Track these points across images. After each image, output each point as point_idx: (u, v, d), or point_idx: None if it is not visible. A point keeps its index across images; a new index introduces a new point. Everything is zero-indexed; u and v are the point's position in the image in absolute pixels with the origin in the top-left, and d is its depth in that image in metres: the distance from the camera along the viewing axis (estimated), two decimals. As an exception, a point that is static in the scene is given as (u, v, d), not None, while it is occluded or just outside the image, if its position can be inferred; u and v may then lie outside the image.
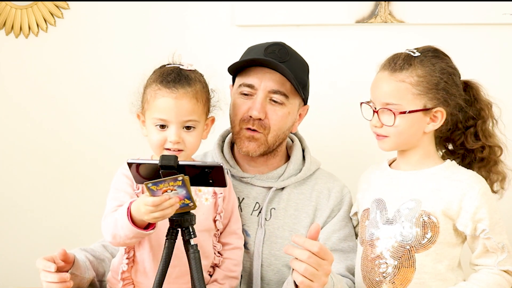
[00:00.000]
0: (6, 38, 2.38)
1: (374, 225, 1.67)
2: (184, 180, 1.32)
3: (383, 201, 1.68)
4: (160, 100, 1.54)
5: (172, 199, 1.34)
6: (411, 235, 1.60)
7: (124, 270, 1.57)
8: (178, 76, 1.57)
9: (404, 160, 1.69)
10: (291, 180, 1.79)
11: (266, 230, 1.75)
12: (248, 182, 1.79)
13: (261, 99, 1.71)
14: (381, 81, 1.63)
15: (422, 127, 1.63)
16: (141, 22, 2.34)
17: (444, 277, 1.61)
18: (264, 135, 1.73)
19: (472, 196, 1.59)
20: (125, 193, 1.55)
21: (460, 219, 1.60)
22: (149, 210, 1.35)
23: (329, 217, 1.79)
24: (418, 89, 1.59)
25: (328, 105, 2.22)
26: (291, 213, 1.77)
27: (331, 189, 1.81)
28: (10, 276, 2.45)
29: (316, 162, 1.86)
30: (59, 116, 2.40)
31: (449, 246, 1.62)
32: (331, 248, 1.72)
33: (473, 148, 1.69)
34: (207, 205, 1.62)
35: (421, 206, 1.61)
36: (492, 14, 2.14)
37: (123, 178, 1.58)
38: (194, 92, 1.56)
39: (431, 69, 1.60)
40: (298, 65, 1.75)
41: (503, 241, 1.60)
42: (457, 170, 1.67)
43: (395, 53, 1.66)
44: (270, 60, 1.69)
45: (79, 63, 2.38)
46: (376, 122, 1.63)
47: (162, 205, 1.34)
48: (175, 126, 1.54)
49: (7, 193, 2.44)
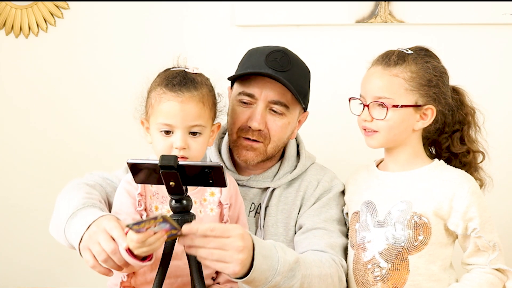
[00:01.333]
0: (6, 38, 2.39)
1: (365, 228, 1.66)
2: (164, 217, 1.28)
3: (373, 204, 1.67)
4: (165, 104, 1.49)
5: (157, 234, 1.29)
6: (404, 237, 1.60)
7: (123, 281, 1.53)
8: (184, 80, 1.51)
9: (392, 159, 1.69)
10: (287, 177, 1.77)
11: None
12: (244, 185, 1.77)
13: (261, 109, 1.68)
14: (374, 75, 1.63)
15: (412, 124, 1.63)
16: (141, 22, 2.34)
17: (438, 278, 1.61)
18: (264, 145, 1.71)
19: (462, 195, 1.59)
20: (127, 215, 1.50)
21: (451, 219, 1.60)
22: (136, 246, 1.31)
23: (313, 204, 1.75)
24: (410, 85, 1.59)
25: (328, 105, 2.22)
26: (282, 208, 1.75)
27: (320, 180, 1.78)
28: (10, 276, 2.45)
29: (311, 157, 1.84)
30: (59, 116, 2.40)
31: (441, 247, 1.62)
32: (312, 226, 1.69)
33: (458, 152, 1.70)
34: (212, 215, 1.57)
35: (412, 208, 1.61)
36: (492, 14, 2.14)
37: (125, 197, 1.52)
38: (201, 96, 1.51)
39: (424, 66, 1.61)
40: (300, 74, 1.72)
41: (493, 239, 1.60)
42: (446, 169, 1.66)
43: (388, 50, 1.66)
44: (272, 73, 1.65)
45: (79, 63, 2.38)
46: (366, 116, 1.63)
47: (148, 241, 1.30)
48: (181, 132, 1.48)
49: (7, 193, 2.44)
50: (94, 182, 1.68)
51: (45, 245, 2.41)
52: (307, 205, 1.75)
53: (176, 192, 1.35)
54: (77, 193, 1.56)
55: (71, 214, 1.49)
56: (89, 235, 1.41)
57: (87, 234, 1.41)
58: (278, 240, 1.72)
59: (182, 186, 1.34)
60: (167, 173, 1.32)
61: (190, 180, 1.35)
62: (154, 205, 1.53)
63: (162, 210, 1.52)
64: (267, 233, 1.74)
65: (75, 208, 1.49)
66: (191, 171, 1.34)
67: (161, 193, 1.53)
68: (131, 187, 1.53)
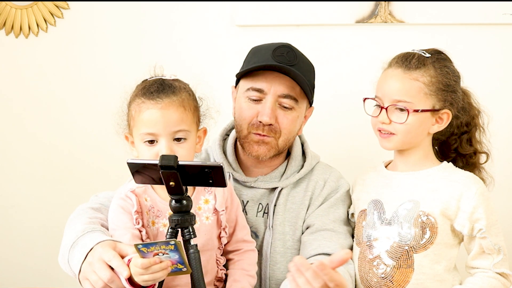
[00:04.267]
0: (6, 38, 2.38)
1: (372, 226, 1.67)
2: (176, 245, 1.26)
3: (381, 202, 1.68)
4: (146, 113, 1.46)
5: (163, 263, 1.28)
6: (410, 236, 1.60)
7: None
8: (161, 86, 1.49)
9: (402, 160, 1.69)
10: (294, 177, 1.77)
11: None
12: (252, 186, 1.76)
13: (271, 104, 1.68)
14: (394, 78, 1.62)
15: (428, 127, 1.64)
16: (141, 22, 2.34)
17: (442, 278, 1.61)
18: (275, 139, 1.71)
19: (469, 196, 1.59)
20: (125, 230, 1.48)
21: (457, 219, 1.60)
22: (138, 272, 1.29)
23: (321, 204, 1.77)
24: (430, 89, 1.60)
25: (328, 105, 2.22)
26: (290, 207, 1.76)
27: (327, 179, 1.79)
28: (10, 276, 2.45)
29: (315, 156, 1.84)
30: (58, 116, 2.40)
31: (446, 247, 1.62)
32: (321, 227, 1.70)
33: (466, 153, 1.71)
34: (208, 223, 1.55)
35: (420, 207, 1.61)
36: (492, 14, 2.14)
37: (120, 213, 1.50)
38: (180, 100, 1.48)
39: (443, 70, 1.62)
40: (307, 68, 1.73)
41: (499, 243, 1.61)
42: (454, 171, 1.67)
43: (406, 52, 1.66)
44: (283, 65, 1.65)
45: (79, 63, 2.38)
46: (385, 119, 1.63)
47: (152, 268, 1.28)
48: (165, 139, 1.46)
49: (7, 193, 2.44)
50: (99, 205, 1.68)
51: (45, 245, 2.41)
52: (315, 205, 1.76)
53: (176, 192, 1.35)
54: (79, 220, 1.57)
55: (72, 244, 1.49)
56: (87, 265, 1.41)
57: (85, 264, 1.42)
58: (285, 239, 1.74)
59: (182, 186, 1.34)
60: (167, 173, 1.32)
61: (190, 180, 1.34)
62: (150, 220, 1.51)
63: (158, 225, 1.51)
64: (275, 232, 1.74)
65: (76, 237, 1.50)
66: (191, 171, 1.33)
67: (156, 207, 1.52)
68: (126, 204, 1.51)
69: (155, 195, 1.52)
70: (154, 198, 1.52)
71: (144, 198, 1.52)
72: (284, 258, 1.73)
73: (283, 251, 1.73)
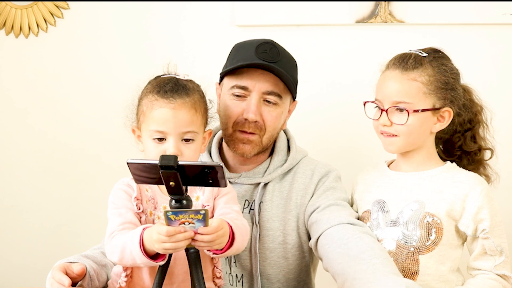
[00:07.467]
0: (6, 38, 2.39)
1: (377, 226, 1.66)
2: (205, 214, 1.29)
3: (385, 203, 1.67)
4: (158, 111, 1.49)
5: (187, 233, 1.30)
6: (415, 237, 1.60)
7: (122, 286, 1.51)
8: (176, 86, 1.51)
9: (406, 160, 1.69)
10: (277, 172, 1.77)
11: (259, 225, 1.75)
12: (236, 182, 1.77)
13: (256, 101, 1.70)
14: (392, 79, 1.62)
15: (430, 126, 1.63)
16: (141, 22, 2.34)
17: (446, 279, 1.61)
18: (260, 136, 1.72)
19: (474, 196, 1.60)
20: (127, 209, 1.49)
21: (462, 220, 1.60)
22: (161, 240, 1.31)
23: (315, 190, 1.76)
24: (428, 88, 1.60)
25: (328, 105, 2.22)
26: (278, 203, 1.76)
27: (314, 168, 1.79)
28: (10, 276, 2.45)
29: (302, 151, 1.84)
30: (59, 116, 2.40)
31: (451, 248, 1.62)
32: (326, 204, 1.70)
33: (471, 150, 1.71)
34: None
35: (425, 208, 1.61)
36: (492, 14, 2.14)
37: (122, 194, 1.51)
38: (193, 102, 1.51)
39: (441, 68, 1.62)
40: (289, 63, 1.75)
41: (501, 245, 1.60)
42: (458, 171, 1.67)
43: (402, 53, 1.66)
44: (267, 63, 1.67)
45: (79, 63, 2.38)
46: (386, 121, 1.63)
47: (176, 237, 1.30)
48: (174, 138, 1.48)
49: (7, 193, 2.44)
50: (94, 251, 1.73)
51: (45, 245, 2.41)
52: (309, 194, 1.76)
53: (176, 192, 1.35)
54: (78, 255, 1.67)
55: None
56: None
57: None
58: (275, 235, 1.75)
59: (182, 186, 1.34)
60: (167, 173, 1.32)
61: (190, 180, 1.35)
62: (149, 210, 1.53)
63: (154, 216, 1.52)
64: (263, 229, 1.75)
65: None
66: (191, 171, 1.33)
67: (156, 199, 1.53)
68: (128, 189, 1.52)
69: (156, 188, 1.54)
70: (155, 190, 1.54)
71: (145, 189, 1.53)
72: (274, 254, 1.75)
73: (272, 246, 1.74)
